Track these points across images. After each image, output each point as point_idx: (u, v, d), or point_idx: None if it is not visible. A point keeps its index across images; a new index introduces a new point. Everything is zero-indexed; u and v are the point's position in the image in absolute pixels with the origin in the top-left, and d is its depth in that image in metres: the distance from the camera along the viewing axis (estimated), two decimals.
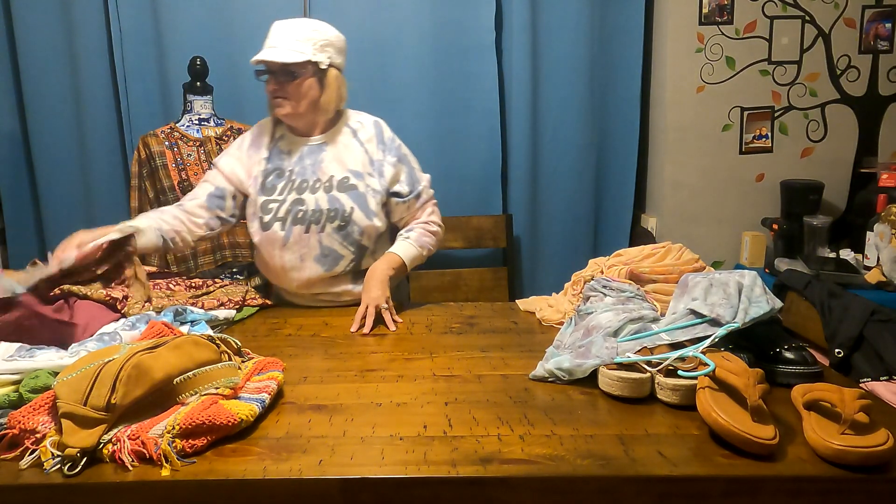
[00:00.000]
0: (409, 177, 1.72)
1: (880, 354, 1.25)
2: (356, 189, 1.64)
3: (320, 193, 1.63)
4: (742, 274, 1.23)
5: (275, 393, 1.07)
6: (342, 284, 1.69)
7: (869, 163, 2.61)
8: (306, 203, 1.62)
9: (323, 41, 1.60)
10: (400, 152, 1.72)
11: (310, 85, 1.60)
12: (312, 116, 1.66)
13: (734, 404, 0.94)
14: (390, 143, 1.71)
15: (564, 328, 1.35)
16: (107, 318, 1.30)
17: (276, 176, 1.67)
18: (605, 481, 0.86)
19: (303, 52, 1.57)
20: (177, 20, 2.50)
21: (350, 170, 1.65)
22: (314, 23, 1.63)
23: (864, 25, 2.57)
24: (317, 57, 1.58)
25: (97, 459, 0.89)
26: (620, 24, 2.66)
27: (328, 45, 1.61)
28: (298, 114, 1.63)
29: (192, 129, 2.18)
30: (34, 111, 2.54)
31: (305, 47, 1.57)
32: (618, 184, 2.80)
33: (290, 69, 1.58)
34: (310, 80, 1.60)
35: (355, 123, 1.72)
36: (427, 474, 0.86)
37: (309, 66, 1.59)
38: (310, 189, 1.64)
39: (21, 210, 2.65)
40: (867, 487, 0.85)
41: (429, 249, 1.74)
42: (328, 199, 1.62)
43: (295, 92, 1.60)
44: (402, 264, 1.65)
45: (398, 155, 1.71)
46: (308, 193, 1.63)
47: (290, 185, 1.65)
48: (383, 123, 1.76)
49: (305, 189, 1.64)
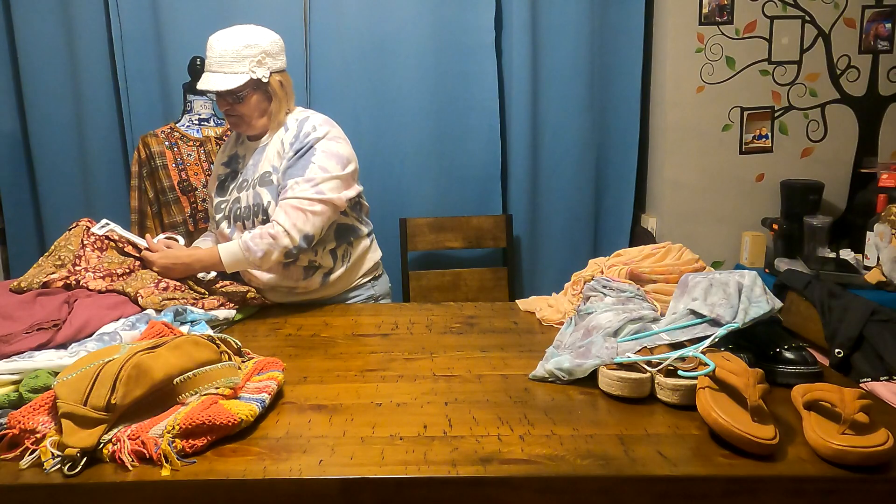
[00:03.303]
0: (292, 168, 1.63)
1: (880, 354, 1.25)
2: (273, 183, 1.66)
3: (250, 190, 1.68)
4: (742, 274, 1.23)
5: (275, 393, 1.07)
6: (292, 279, 1.69)
7: (869, 163, 2.61)
8: (241, 201, 1.69)
9: (259, 54, 1.62)
10: (304, 143, 1.64)
11: (256, 100, 1.66)
12: (265, 123, 1.71)
13: (734, 404, 0.94)
14: (303, 136, 1.66)
15: (564, 328, 1.35)
16: (107, 318, 1.30)
17: (229, 178, 1.76)
18: (605, 481, 0.86)
19: (241, 74, 1.61)
20: (177, 20, 2.49)
21: (272, 164, 1.68)
22: (247, 35, 1.63)
23: (864, 25, 2.57)
24: (256, 73, 1.62)
25: (97, 459, 0.89)
26: (620, 24, 2.66)
27: (265, 56, 1.64)
28: (252, 127, 1.70)
29: (192, 130, 2.18)
30: (34, 111, 2.54)
31: (242, 66, 1.61)
32: (618, 184, 2.79)
33: (233, 92, 1.63)
34: (255, 96, 1.66)
35: (291, 121, 1.71)
36: (427, 474, 0.86)
37: (250, 84, 1.63)
38: (246, 187, 1.69)
39: (21, 210, 2.65)
40: (867, 487, 0.85)
41: (255, 252, 1.58)
42: (252, 196, 1.67)
43: (244, 111, 1.66)
44: (217, 258, 1.59)
45: (300, 146, 1.64)
46: (244, 191, 1.69)
47: (236, 185, 1.73)
48: (315, 119, 1.69)
49: (243, 188, 1.70)
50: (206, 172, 2.14)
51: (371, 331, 1.48)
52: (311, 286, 1.71)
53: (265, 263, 1.61)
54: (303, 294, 1.73)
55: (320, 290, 1.73)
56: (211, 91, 1.63)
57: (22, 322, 1.21)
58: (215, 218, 1.75)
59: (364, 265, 1.80)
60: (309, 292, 1.72)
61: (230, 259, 1.60)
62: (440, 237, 2.67)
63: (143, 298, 1.40)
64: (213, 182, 1.81)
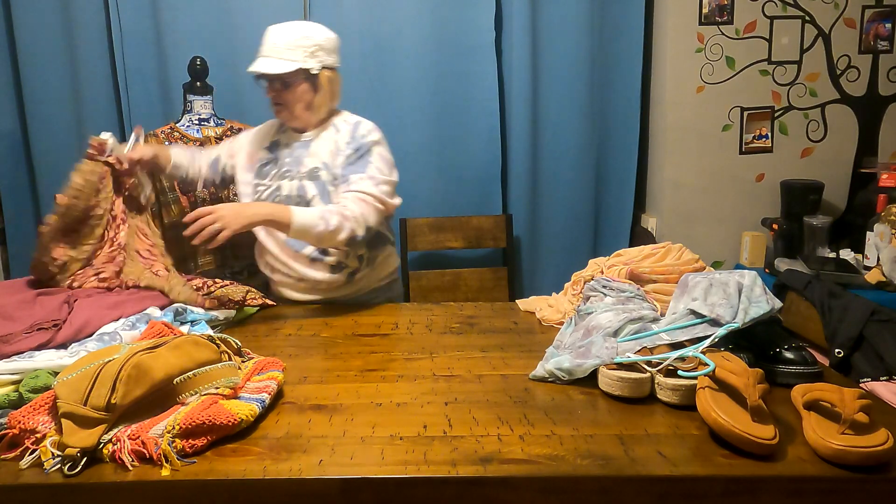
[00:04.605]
0: (353, 165, 1.68)
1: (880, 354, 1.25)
2: (321, 178, 1.70)
3: (294, 182, 1.73)
4: (742, 274, 1.23)
5: (275, 393, 1.07)
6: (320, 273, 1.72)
7: (869, 163, 2.61)
8: (282, 189, 1.73)
9: (313, 46, 1.67)
10: (361, 144, 1.69)
11: (303, 90, 1.70)
12: (308, 117, 1.75)
13: (734, 404, 0.94)
14: (360, 138, 1.71)
15: (564, 328, 1.35)
16: (107, 318, 1.30)
17: (271, 164, 1.79)
18: (605, 481, 0.86)
19: (293, 61, 1.65)
20: (177, 20, 2.49)
21: (322, 161, 1.72)
22: (304, 28, 1.70)
23: (864, 25, 2.57)
24: (307, 63, 1.66)
25: (97, 459, 0.89)
26: (620, 24, 2.66)
27: (318, 50, 1.68)
28: (295, 116, 1.74)
29: (192, 130, 2.18)
30: (34, 111, 2.54)
31: (296, 55, 1.65)
32: (618, 184, 2.79)
33: (282, 78, 1.67)
34: (303, 85, 1.69)
35: (341, 123, 1.77)
36: (427, 474, 0.86)
37: (300, 73, 1.67)
38: (289, 178, 1.74)
39: (21, 210, 2.65)
40: (867, 487, 0.85)
41: (328, 225, 1.56)
42: (297, 187, 1.72)
43: (290, 98, 1.70)
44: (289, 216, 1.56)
45: (358, 145, 1.69)
46: (286, 181, 1.74)
47: (278, 172, 1.76)
48: (367, 125, 1.74)
49: (286, 178, 1.74)
50: None
51: (371, 331, 1.48)
52: (335, 283, 1.74)
53: (330, 239, 1.60)
54: (325, 291, 1.75)
55: (343, 288, 1.77)
56: (260, 74, 1.68)
57: (22, 322, 1.21)
58: (250, 196, 1.78)
59: (384, 270, 1.86)
60: (332, 289, 1.75)
61: (303, 220, 1.55)
62: (440, 237, 2.68)
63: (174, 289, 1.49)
64: (250, 162, 1.81)
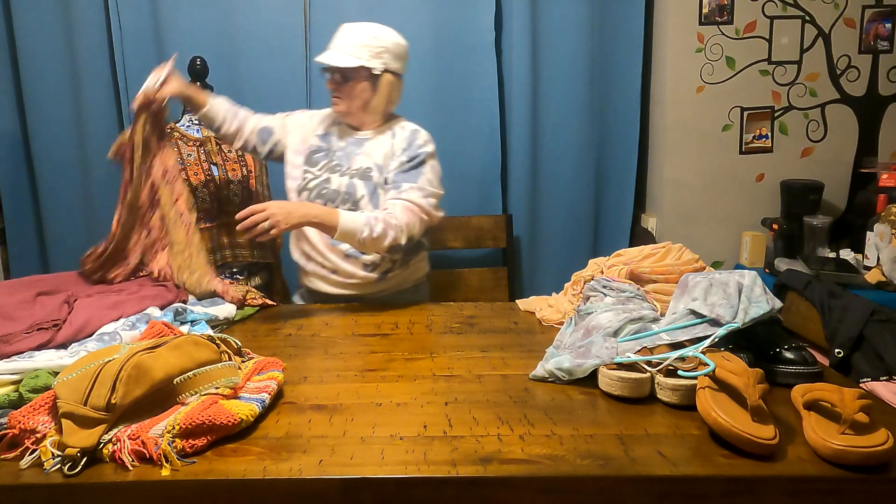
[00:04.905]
0: (406, 173, 1.73)
1: (880, 354, 1.25)
2: (372, 179, 1.73)
3: (345, 178, 1.75)
4: (742, 274, 1.23)
5: (275, 393, 1.07)
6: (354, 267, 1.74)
7: (869, 163, 2.61)
8: (331, 183, 1.75)
9: (380, 48, 1.72)
10: (417, 154, 1.74)
11: (363, 88, 1.74)
12: (363, 115, 1.78)
13: (734, 404, 0.94)
14: (416, 147, 1.75)
15: (564, 328, 1.35)
16: (107, 318, 1.30)
17: (322, 154, 1.81)
18: (605, 481, 0.86)
19: (357, 58, 1.70)
20: (177, 20, 2.49)
21: (375, 162, 1.75)
22: (376, 29, 1.74)
23: (864, 25, 2.57)
24: (370, 63, 1.71)
25: (97, 459, 0.89)
26: (620, 24, 2.66)
27: (384, 52, 1.73)
28: (350, 112, 1.77)
29: (192, 129, 2.18)
30: (34, 111, 2.53)
31: (361, 53, 1.70)
32: (618, 184, 2.79)
33: (344, 72, 1.72)
34: (363, 83, 1.73)
35: (399, 129, 1.81)
36: (427, 474, 0.86)
37: (362, 71, 1.71)
38: (339, 172, 1.76)
39: (21, 210, 2.64)
40: (867, 487, 0.85)
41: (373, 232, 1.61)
42: (347, 184, 1.74)
43: (348, 93, 1.74)
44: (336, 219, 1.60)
45: (413, 154, 1.74)
46: (337, 176, 1.76)
47: (328, 164, 1.79)
48: (424, 135, 1.80)
49: (336, 171, 1.77)
50: (206, 172, 2.14)
51: (371, 331, 1.48)
52: (367, 280, 1.77)
53: (373, 246, 1.64)
54: (356, 287, 1.78)
55: (373, 286, 1.79)
56: (323, 64, 1.72)
57: (22, 322, 1.21)
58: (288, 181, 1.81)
59: (416, 273, 1.90)
60: (363, 286, 1.78)
61: (349, 224, 1.59)
62: (440, 237, 2.67)
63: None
64: (303, 145, 1.84)
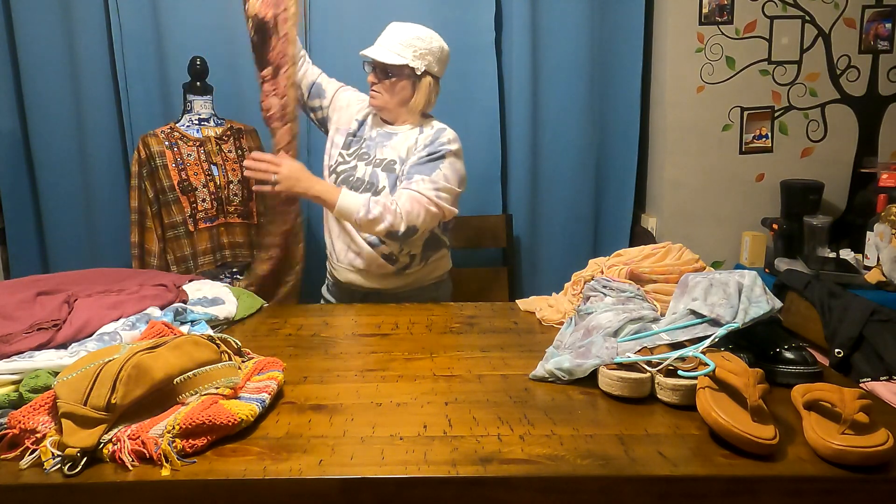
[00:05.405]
0: (421, 166, 1.75)
1: (880, 354, 1.25)
2: (394, 172, 1.77)
3: (370, 168, 1.81)
4: (742, 274, 1.23)
5: (275, 393, 1.07)
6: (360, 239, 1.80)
7: (869, 163, 2.61)
8: (357, 170, 1.82)
9: (424, 49, 1.77)
10: (438, 150, 1.76)
11: (403, 86, 1.79)
12: (398, 112, 1.84)
13: (734, 404, 0.94)
14: (438, 143, 1.78)
15: (564, 328, 1.35)
16: (107, 318, 1.30)
17: (355, 140, 1.89)
18: (605, 481, 0.86)
19: (401, 56, 1.75)
20: (177, 20, 2.49)
21: (399, 155, 1.79)
22: (422, 31, 1.80)
23: (864, 25, 2.57)
24: (413, 63, 1.76)
25: (97, 459, 0.89)
26: (620, 24, 2.66)
27: (428, 54, 1.79)
28: (387, 108, 1.83)
29: (192, 129, 2.18)
30: (34, 111, 2.53)
31: (405, 52, 1.76)
32: (618, 184, 2.79)
33: (387, 68, 1.77)
34: (404, 81, 1.79)
35: (427, 126, 1.84)
36: (427, 474, 0.86)
37: (405, 69, 1.77)
38: (366, 161, 1.83)
39: (21, 210, 2.64)
40: (867, 487, 0.85)
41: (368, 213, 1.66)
42: (371, 174, 1.80)
43: (388, 88, 1.80)
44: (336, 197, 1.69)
45: (434, 150, 1.76)
46: (363, 164, 1.82)
47: (357, 151, 1.86)
48: (449, 134, 1.82)
49: (364, 160, 1.83)
50: (206, 172, 2.14)
51: (371, 331, 1.48)
52: (385, 269, 1.82)
53: (368, 227, 1.70)
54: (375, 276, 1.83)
55: (393, 279, 1.83)
56: (368, 58, 1.78)
57: (22, 322, 1.21)
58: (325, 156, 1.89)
59: (436, 271, 1.93)
60: (382, 276, 1.83)
61: (346, 203, 1.68)
62: None
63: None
64: (346, 125, 1.90)
